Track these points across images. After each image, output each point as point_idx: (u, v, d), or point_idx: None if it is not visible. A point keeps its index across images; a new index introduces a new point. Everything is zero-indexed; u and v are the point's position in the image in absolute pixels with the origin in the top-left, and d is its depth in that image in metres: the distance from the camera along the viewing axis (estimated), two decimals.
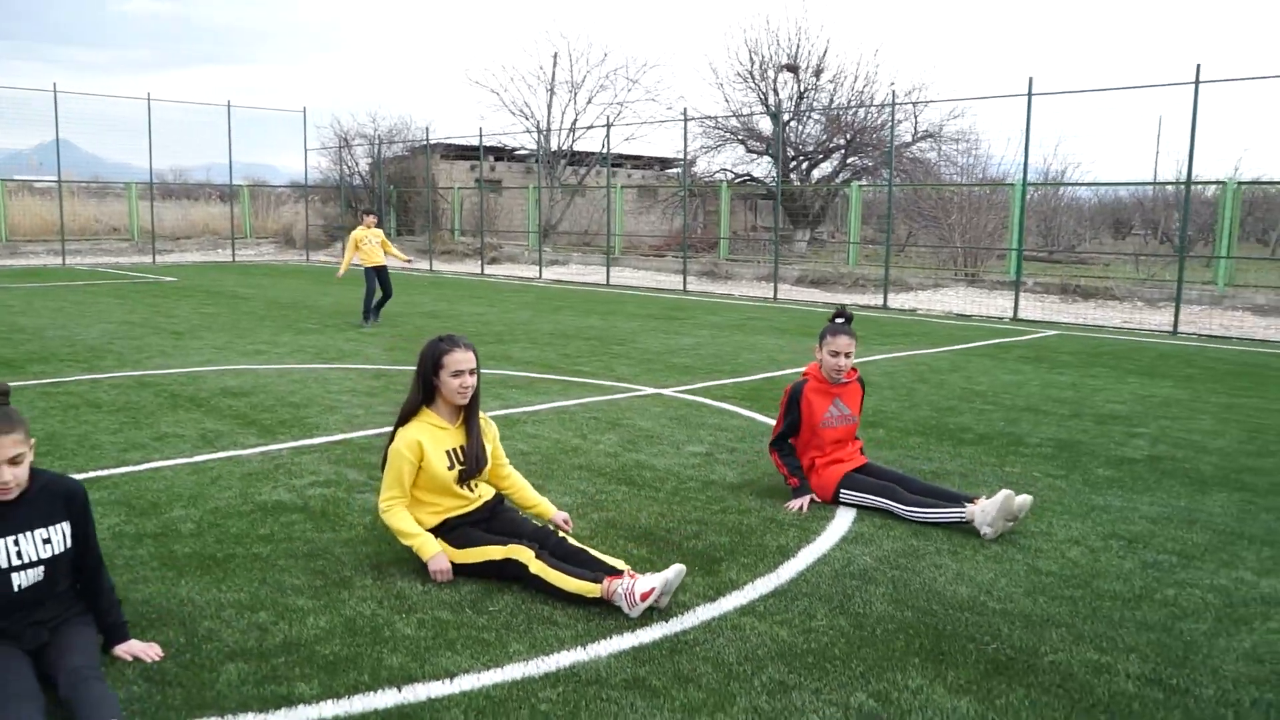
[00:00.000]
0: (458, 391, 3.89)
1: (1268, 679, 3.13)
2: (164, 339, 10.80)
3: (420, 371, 3.94)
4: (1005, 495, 4.40)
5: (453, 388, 3.88)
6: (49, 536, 2.97)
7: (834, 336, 4.95)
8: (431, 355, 3.89)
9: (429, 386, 3.93)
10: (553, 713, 2.83)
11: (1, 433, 2.83)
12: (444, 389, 3.90)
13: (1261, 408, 7.86)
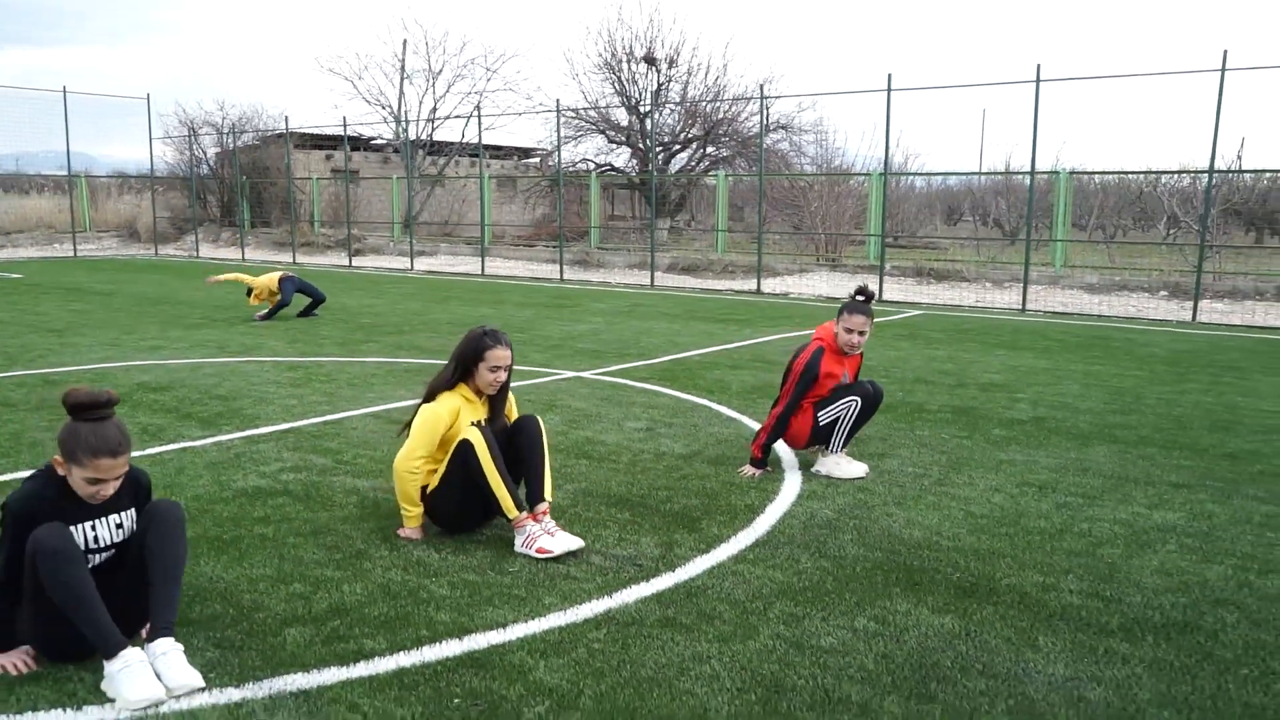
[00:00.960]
0: (490, 384, 4.19)
1: (1178, 587, 3.77)
2: (44, 337, 10.36)
3: (460, 357, 4.19)
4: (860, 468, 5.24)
5: (487, 380, 4.18)
6: (120, 521, 3.11)
7: (850, 315, 5.36)
8: (475, 347, 4.16)
9: (466, 373, 4.19)
10: (605, 649, 3.17)
11: (121, 452, 2.96)
12: (478, 379, 4.19)
13: (1115, 373, 8.86)
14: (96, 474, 2.93)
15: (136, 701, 2.75)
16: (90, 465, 2.92)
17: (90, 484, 2.95)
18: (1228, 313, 14.76)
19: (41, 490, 2.98)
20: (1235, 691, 2.95)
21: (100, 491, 2.98)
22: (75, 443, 2.93)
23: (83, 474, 2.93)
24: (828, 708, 2.82)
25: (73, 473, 2.96)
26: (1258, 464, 5.63)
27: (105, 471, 2.94)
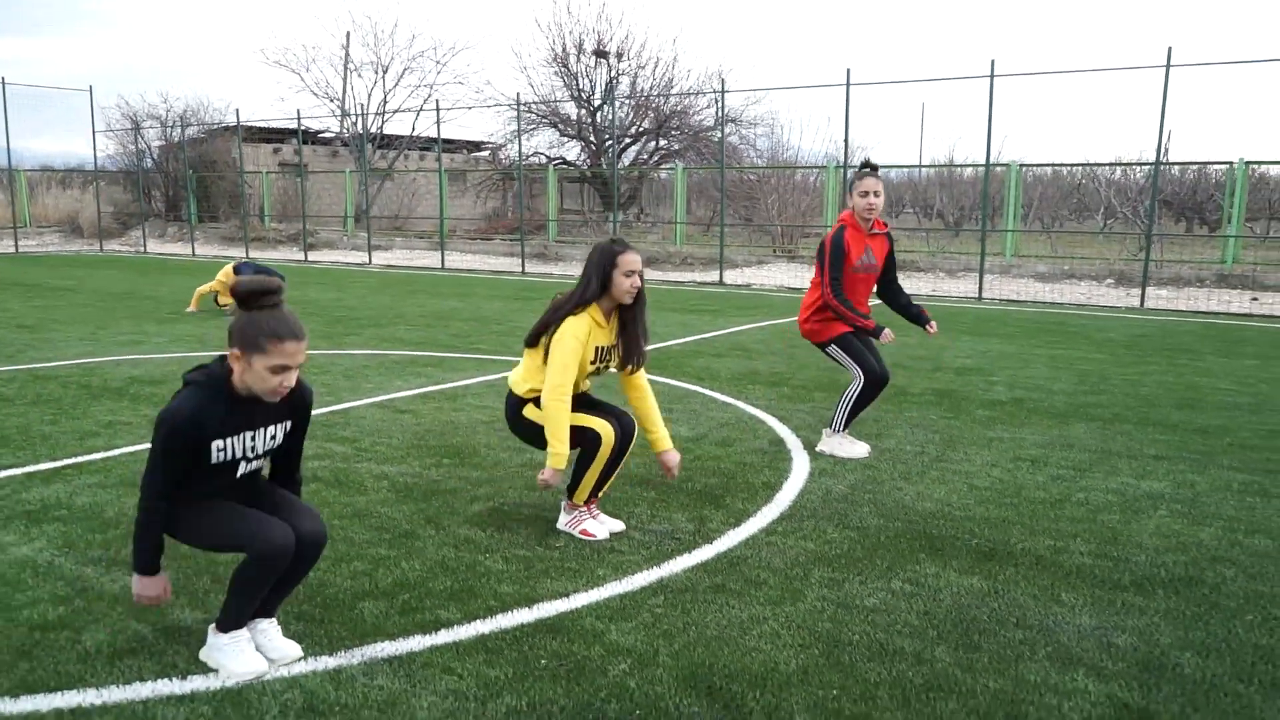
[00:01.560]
0: (627, 291, 4.09)
1: (1176, 547, 4.09)
2: (17, 333, 10.22)
3: (594, 270, 4.09)
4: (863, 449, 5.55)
5: (624, 287, 4.08)
6: (275, 433, 2.99)
7: (861, 180, 5.47)
8: (608, 255, 4.08)
9: (603, 283, 4.08)
10: (667, 614, 3.38)
11: (304, 336, 2.81)
12: (615, 288, 4.07)
13: (1079, 357, 9.28)
14: (283, 359, 2.76)
15: (242, 673, 2.88)
16: (276, 350, 2.74)
17: (275, 373, 2.77)
18: (1172, 299, 15.40)
19: (208, 404, 2.80)
20: (1244, 635, 3.25)
21: (284, 381, 2.80)
22: (257, 329, 2.74)
23: (266, 362, 2.75)
24: (885, 658, 3.06)
25: (253, 364, 2.77)
26: (1226, 437, 6.02)
27: (291, 356, 2.77)
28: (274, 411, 2.93)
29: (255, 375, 2.77)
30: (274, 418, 2.95)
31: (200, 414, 2.77)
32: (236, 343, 2.76)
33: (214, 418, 2.80)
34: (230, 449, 2.87)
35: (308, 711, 2.70)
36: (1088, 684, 2.90)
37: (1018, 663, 3.04)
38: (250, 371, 2.77)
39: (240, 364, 2.77)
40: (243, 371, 2.78)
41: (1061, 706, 2.77)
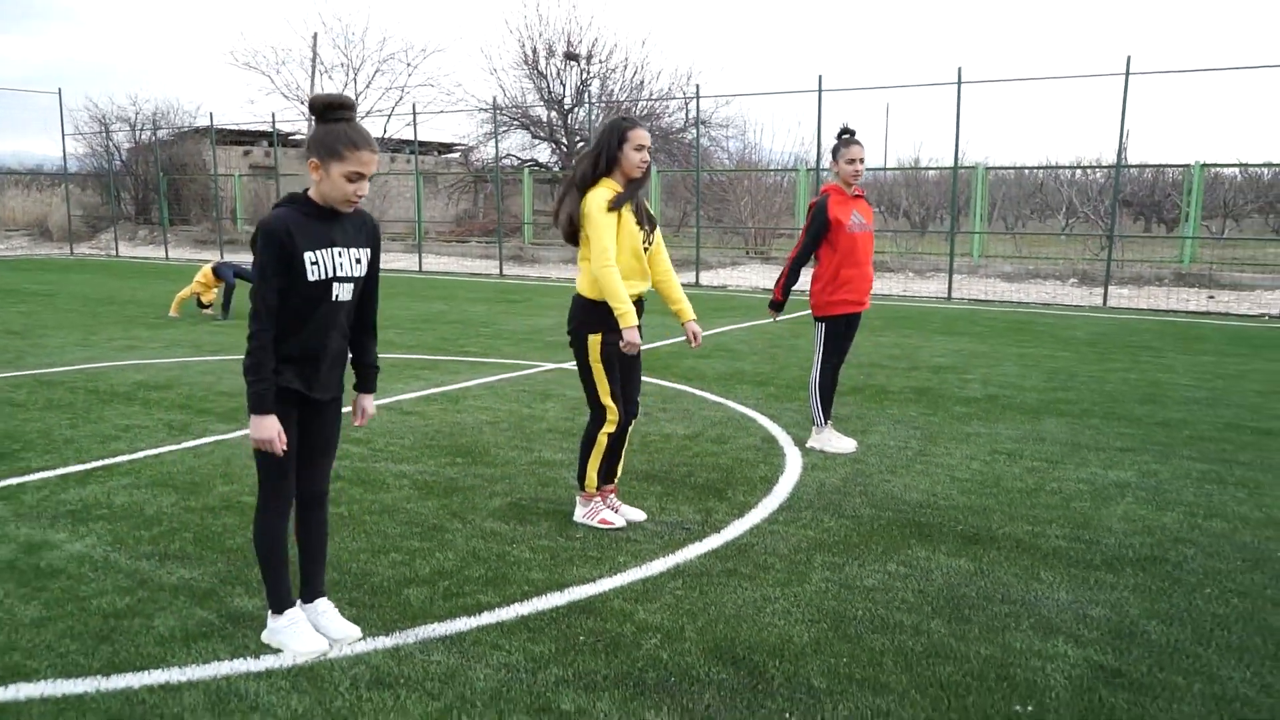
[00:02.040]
0: (638, 165, 4.18)
1: (1142, 530, 4.48)
2: (8, 339, 10.34)
3: (602, 145, 4.18)
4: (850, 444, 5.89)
5: (634, 161, 4.17)
6: (359, 258, 3.16)
7: (848, 147, 5.70)
8: (616, 129, 4.18)
9: (611, 160, 4.18)
10: (687, 595, 3.71)
11: (375, 147, 3.01)
12: (625, 162, 4.17)
13: (1046, 355, 9.73)
14: (358, 167, 2.97)
15: (305, 653, 3.17)
16: (353, 158, 2.95)
17: (350, 180, 2.98)
18: (1133, 297, 15.96)
19: (295, 214, 3.01)
20: (1203, 606, 3.64)
21: (358, 190, 3.01)
22: (335, 138, 2.95)
23: (343, 169, 2.96)
24: (887, 630, 3.41)
25: (331, 171, 2.97)
26: (1186, 430, 6.45)
27: (365, 165, 2.98)
28: (353, 234, 3.12)
29: (332, 183, 2.98)
30: (353, 240, 3.12)
31: (289, 220, 2.97)
32: (315, 152, 2.96)
33: (301, 227, 2.98)
34: (322, 264, 3.02)
35: (375, 684, 3.00)
36: (1067, 649, 3.26)
37: (1004, 632, 3.40)
38: (327, 180, 2.98)
39: (319, 173, 2.98)
40: (320, 180, 2.99)
41: (1045, 668, 3.13)
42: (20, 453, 5.68)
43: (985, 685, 3.02)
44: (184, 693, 2.94)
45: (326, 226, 3.05)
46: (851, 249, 5.74)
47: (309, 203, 3.04)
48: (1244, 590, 3.78)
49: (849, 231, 5.72)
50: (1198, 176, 18.12)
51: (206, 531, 4.37)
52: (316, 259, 3.02)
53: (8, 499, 4.81)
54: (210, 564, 3.97)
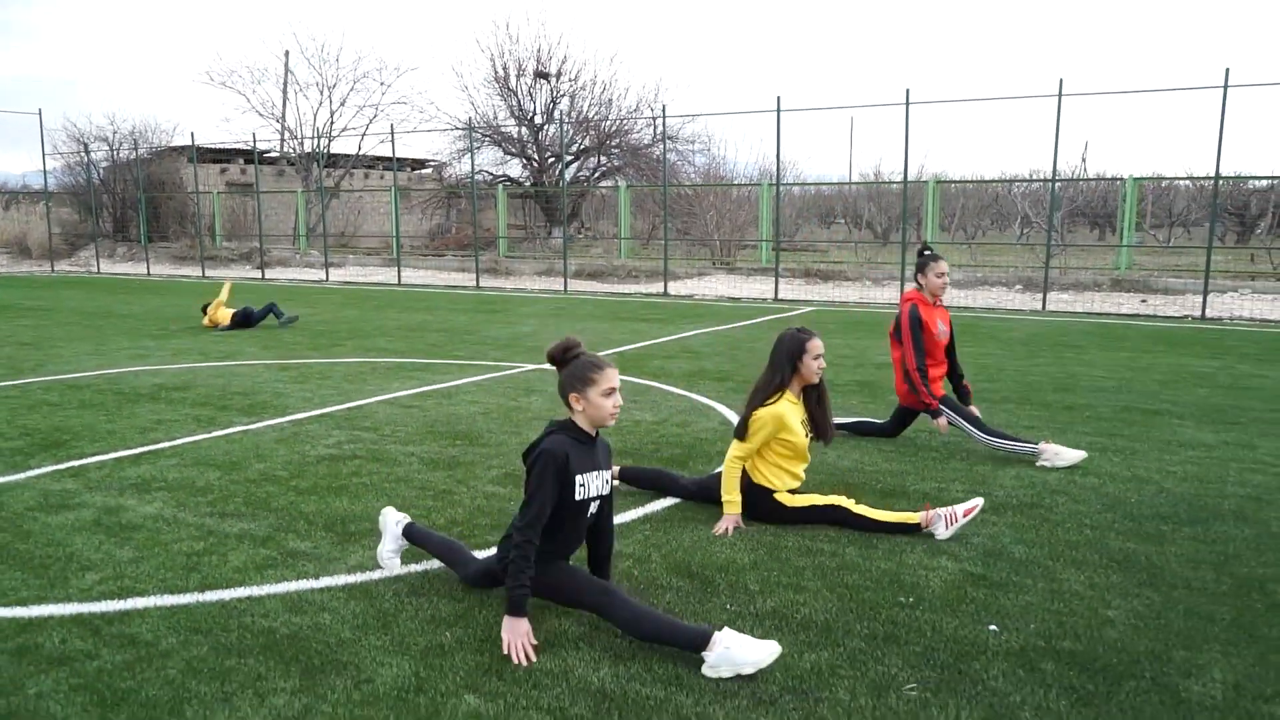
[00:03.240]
0: (815, 371, 4.88)
1: (1027, 485, 5.44)
2: (22, 350, 11.08)
3: (787, 356, 4.87)
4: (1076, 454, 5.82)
5: (813, 369, 4.87)
6: (608, 478, 3.66)
7: (937, 262, 6.30)
8: (795, 343, 4.88)
9: (793, 369, 4.87)
10: (654, 534, 4.61)
11: (611, 366, 3.53)
12: (804, 369, 4.86)
13: (982, 353, 10.75)
14: (610, 383, 3.50)
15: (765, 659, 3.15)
16: (603, 377, 3.50)
17: (607, 396, 3.50)
18: (1073, 302, 17.11)
19: (570, 442, 3.51)
20: (1061, 535, 4.60)
21: (616, 402, 3.53)
22: (584, 371, 3.51)
23: (599, 390, 3.49)
24: (810, 554, 4.34)
25: (590, 398, 3.49)
26: (1088, 411, 7.46)
27: (613, 380, 3.52)
28: (604, 458, 3.66)
29: (594, 405, 3.52)
30: (604, 464, 3.66)
31: (566, 448, 3.48)
32: (572, 389, 3.53)
33: (575, 453, 3.50)
34: (588, 485, 3.53)
35: (412, 594, 3.88)
36: (947, 563, 4.21)
37: (901, 554, 4.34)
38: (589, 404, 3.52)
39: (581, 403, 3.53)
40: (584, 408, 3.53)
41: (927, 576, 4.07)
42: (72, 442, 6.50)
43: (880, 587, 3.96)
44: (265, 602, 3.81)
45: (589, 452, 3.57)
46: (934, 355, 6.32)
47: (577, 431, 3.57)
48: (1096, 525, 4.75)
49: (938, 338, 6.29)
50: (1130, 189, 19.34)
51: (252, 497, 5.22)
52: (584, 480, 3.52)
53: (75, 476, 5.64)
54: (263, 519, 4.83)
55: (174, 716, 2.94)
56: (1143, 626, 3.58)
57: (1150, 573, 4.12)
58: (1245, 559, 4.28)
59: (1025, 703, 3.01)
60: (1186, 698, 3.05)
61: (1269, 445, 6.38)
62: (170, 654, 3.35)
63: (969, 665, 3.27)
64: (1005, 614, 3.69)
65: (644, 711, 2.96)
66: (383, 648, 3.39)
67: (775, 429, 4.78)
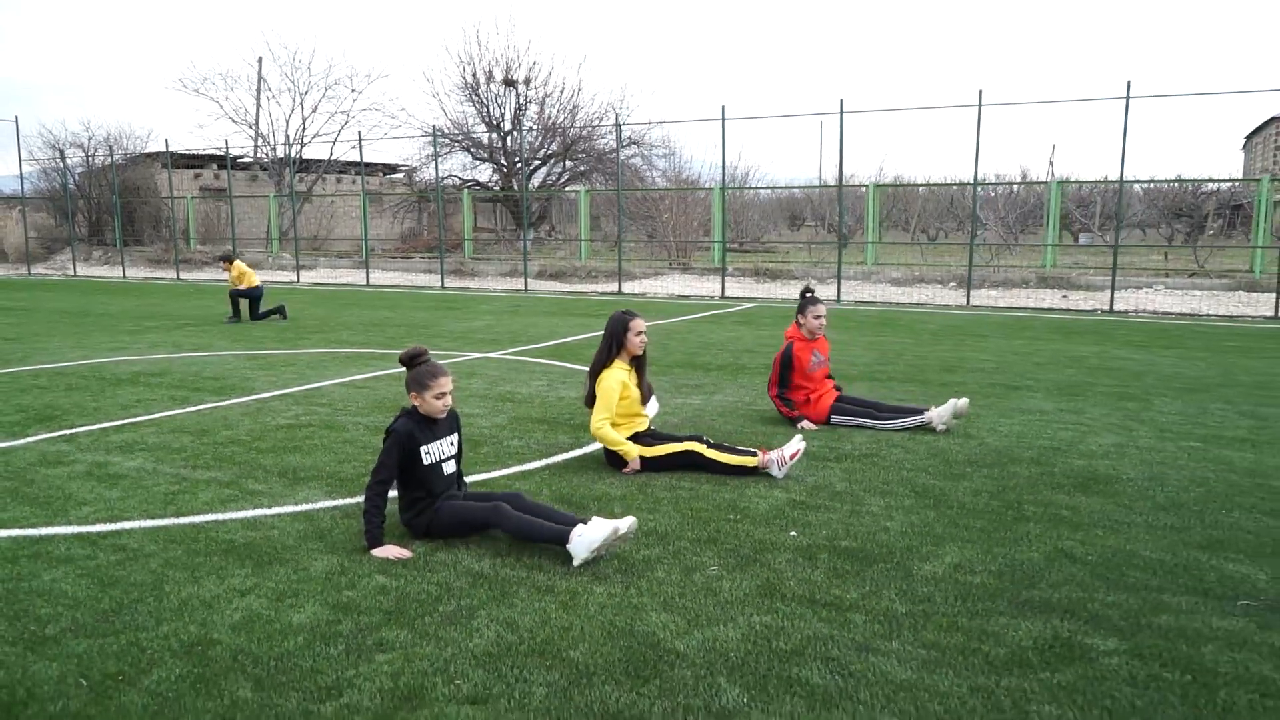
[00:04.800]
0: (638, 345, 5.79)
1: (868, 440, 6.50)
2: (8, 345, 11.94)
3: (612, 335, 5.78)
4: (955, 402, 6.73)
5: (635, 343, 5.78)
6: (453, 440, 4.67)
7: (814, 305, 7.08)
8: (620, 323, 5.79)
9: (619, 344, 5.78)
10: (569, 473, 5.62)
11: (446, 375, 4.50)
12: (629, 344, 5.78)
13: (891, 342, 11.84)
14: (442, 389, 4.45)
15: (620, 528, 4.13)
16: (436, 385, 4.44)
17: (438, 398, 4.45)
18: (998, 298, 18.27)
19: (413, 425, 4.46)
20: (881, 475, 5.63)
21: (444, 403, 4.47)
22: (422, 376, 4.45)
23: (432, 394, 4.43)
24: (673, 489, 5.35)
25: (425, 398, 4.43)
26: (958, 387, 8.53)
27: (446, 386, 4.46)
28: (447, 428, 4.64)
29: (427, 404, 4.48)
30: (448, 431, 4.65)
31: (411, 428, 4.46)
32: (412, 389, 4.48)
33: (418, 431, 4.48)
34: (433, 451, 4.50)
35: (346, 516, 4.87)
36: (778, 494, 5.24)
37: (745, 488, 5.36)
38: (424, 402, 4.48)
39: (418, 400, 4.49)
40: (420, 404, 4.50)
41: (758, 503, 5.09)
42: (62, 416, 7.44)
43: (718, 509, 4.99)
44: (227, 524, 4.79)
45: (431, 428, 4.53)
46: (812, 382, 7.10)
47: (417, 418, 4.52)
48: (915, 468, 5.80)
49: (809, 371, 7.06)
50: (1054, 193, 20.55)
51: (220, 454, 6.19)
52: (430, 449, 4.49)
53: (68, 441, 6.59)
54: (228, 469, 5.81)
55: (156, 590, 3.92)
56: (910, 532, 4.63)
57: (937, 499, 5.17)
58: (1018, 490, 5.34)
59: (794, 577, 4.05)
60: (916, 573, 4.10)
61: (1095, 411, 7.48)
62: (152, 555, 4.33)
63: (763, 556, 4.30)
64: (807, 525, 4.73)
65: (507, 585, 3.97)
66: (318, 550, 4.39)
67: (620, 389, 5.69)
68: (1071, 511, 4.93)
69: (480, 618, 3.64)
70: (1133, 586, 3.93)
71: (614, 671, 3.20)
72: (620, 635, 3.48)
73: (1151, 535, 4.56)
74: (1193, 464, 5.87)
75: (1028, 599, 3.80)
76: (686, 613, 3.68)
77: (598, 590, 3.90)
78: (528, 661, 3.28)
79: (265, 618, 3.65)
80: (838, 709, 2.96)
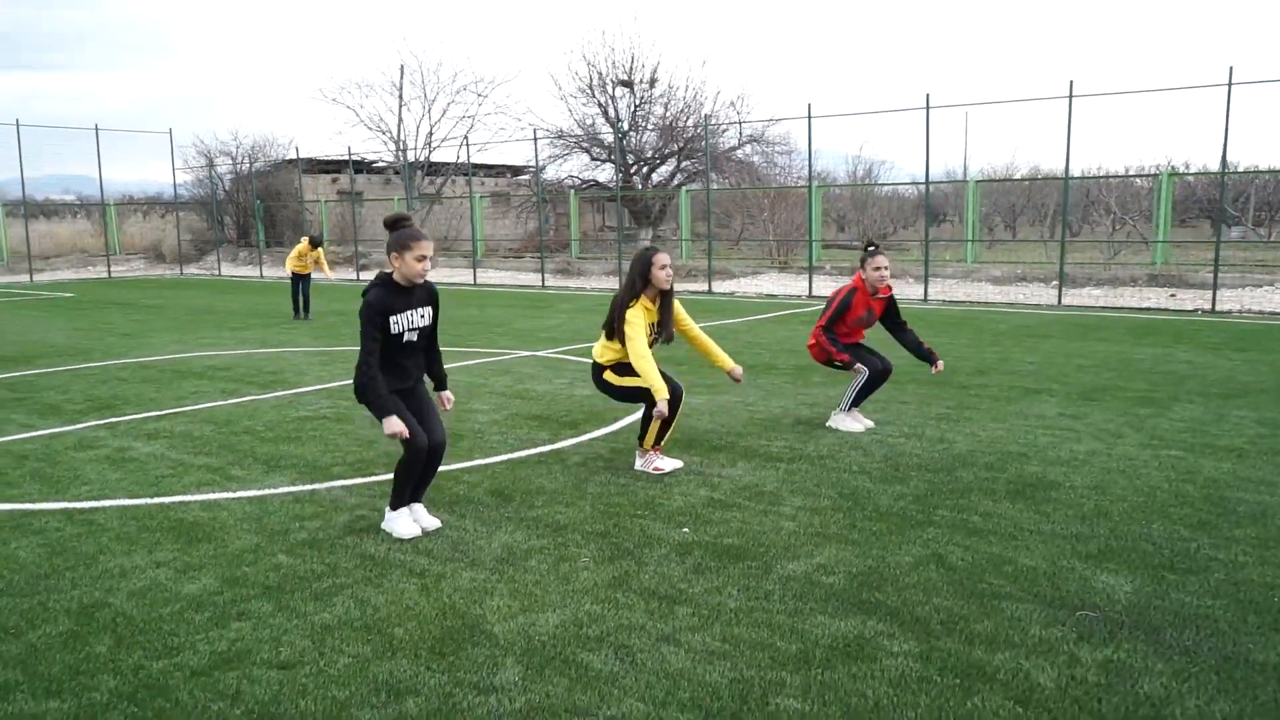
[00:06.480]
0: (664, 280, 5.72)
1: (877, 444, 6.55)
2: (121, 339, 13.21)
3: (637, 270, 5.73)
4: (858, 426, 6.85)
5: (660, 277, 5.72)
6: (425, 314, 4.67)
7: (874, 256, 6.84)
8: (645, 256, 5.75)
9: (645, 279, 5.73)
10: (558, 466, 5.96)
11: (428, 239, 4.53)
12: (654, 278, 5.71)
13: (949, 343, 11.63)
14: (422, 252, 4.46)
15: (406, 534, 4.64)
16: (417, 247, 4.46)
17: (419, 261, 4.45)
18: (1099, 297, 17.50)
19: (385, 292, 4.50)
20: (816, 476, 5.70)
21: (424, 267, 4.46)
22: (404, 237, 4.46)
23: (413, 255, 4.44)
24: (607, 486, 5.60)
25: (405, 260, 4.43)
26: (977, 390, 8.39)
27: (426, 249, 4.46)
28: (420, 299, 4.64)
29: (407, 265, 4.48)
30: (421, 302, 4.65)
31: (382, 296, 4.50)
32: (393, 248, 4.47)
33: (390, 299, 4.51)
34: (401, 321, 4.53)
35: (295, 502, 5.34)
36: (702, 492, 5.41)
37: (675, 487, 5.55)
38: (404, 264, 4.48)
39: (398, 262, 4.49)
40: (400, 266, 4.50)
41: (675, 500, 5.28)
42: (120, 406, 8.28)
43: (634, 506, 5.20)
44: (189, 504, 5.34)
45: (405, 296, 4.56)
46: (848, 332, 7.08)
47: (393, 282, 4.55)
48: (859, 471, 5.85)
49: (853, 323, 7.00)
50: (1165, 184, 19.46)
51: (227, 443, 6.82)
52: (399, 319, 4.54)
53: (109, 429, 7.37)
54: (223, 457, 6.41)
55: (91, 560, 4.47)
56: (800, 532, 4.74)
57: (857, 501, 5.23)
58: (944, 495, 5.32)
59: (652, 572, 4.24)
60: (773, 572, 4.22)
61: (1097, 416, 7.27)
62: (108, 529, 4.91)
63: (640, 550, 4.51)
64: (707, 523, 4.90)
65: (387, 568, 4.33)
66: (246, 531, 4.87)
67: (646, 320, 5.73)
68: (983, 519, 4.91)
69: (342, 596, 4.01)
70: (979, 593, 3.95)
71: (419, 649, 3.51)
72: (450, 616, 3.78)
73: (1044, 544, 4.52)
74: (1153, 473, 5.69)
75: (863, 600, 3.89)
76: (525, 599, 3.94)
77: (464, 576, 4.22)
78: (352, 635, 3.62)
79: (162, 587, 4.13)
80: (592, 691, 3.18)
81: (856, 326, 7.08)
